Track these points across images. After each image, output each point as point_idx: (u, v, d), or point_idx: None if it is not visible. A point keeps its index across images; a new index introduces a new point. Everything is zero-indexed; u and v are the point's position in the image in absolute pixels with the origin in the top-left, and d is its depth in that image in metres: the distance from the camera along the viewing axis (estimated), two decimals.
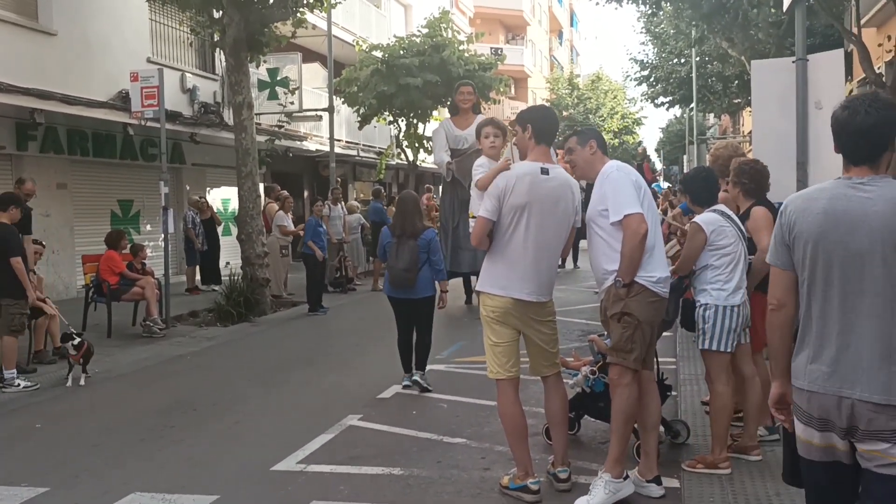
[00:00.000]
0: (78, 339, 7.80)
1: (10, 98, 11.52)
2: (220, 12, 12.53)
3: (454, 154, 11.28)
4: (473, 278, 11.76)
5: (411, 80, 18.62)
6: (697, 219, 4.84)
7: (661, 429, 5.27)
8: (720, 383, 4.69)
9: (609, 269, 4.33)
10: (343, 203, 16.09)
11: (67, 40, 12.84)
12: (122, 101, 13.38)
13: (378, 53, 19.61)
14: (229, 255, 16.85)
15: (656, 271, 4.31)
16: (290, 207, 14.54)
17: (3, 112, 12.09)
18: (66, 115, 12.98)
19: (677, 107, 33.92)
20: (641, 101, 39.03)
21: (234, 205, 16.40)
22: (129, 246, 11.00)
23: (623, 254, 4.20)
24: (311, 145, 20.66)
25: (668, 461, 4.91)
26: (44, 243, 9.40)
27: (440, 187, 16.39)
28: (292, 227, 14.04)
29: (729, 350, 4.68)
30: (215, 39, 13.48)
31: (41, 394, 7.49)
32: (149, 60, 14.51)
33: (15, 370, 7.62)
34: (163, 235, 12.03)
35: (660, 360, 5.30)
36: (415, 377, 7.11)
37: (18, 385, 7.52)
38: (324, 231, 12.96)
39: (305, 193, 22.95)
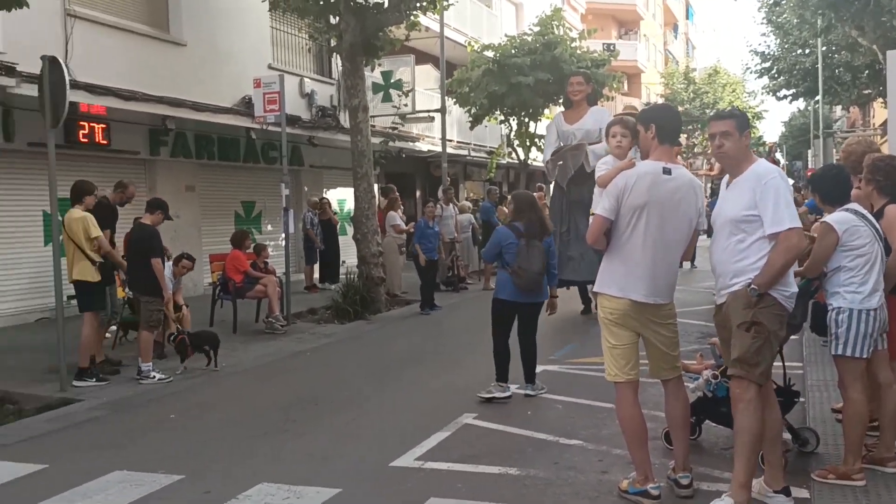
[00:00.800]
0: (174, 335, 8.46)
1: (144, 106, 12.23)
2: (337, 18, 12.87)
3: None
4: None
5: (523, 78, 18.59)
6: (828, 218, 4.63)
7: (789, 436, 5.08)
8: (854, 391, 4.47)
9: (738, 279, 4.09)
10: (455, 203, 16.23)
11: (196, 50, 13.49)
12: (245, 107, 13.96)
13: (489, 53, 19.67)
14: (344, 255, 17.30)
15: (791, 286, 4.15)
16: (399, 206, 14.83)
17: (139, 119, 12.84)
18: (195, 121, 13.67)
19: (801, 99, 32.53)
20: (762, 94, 37.64)
21: (349, 205, 16.82)
22: (252, 245, 11.47)
23: (773, 266, 3.97)
24: (423, 146, 20.94)
25: (797, 470, 4.72)
26: (194, 258, 9.98)
27: (551, 186, 16.30)
28: (404, 226, 14.29)
29: (864, 356, 4.44)
30: (332, 45, 13.87)
31: (174, 386, 7.92)
32: (270, 67, 15.06)
33: (151, 363, 8.08)
34: (283, 235, 12.48)
35: (787, 364, 5.11)
36: (527, 391, 6.99)
37: (154, 377, 7.97)
38: (433, 232, 13.03)
39: (417, 193, 23.28)
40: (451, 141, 20.62)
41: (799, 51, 26.92)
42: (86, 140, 12.10)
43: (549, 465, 5.17)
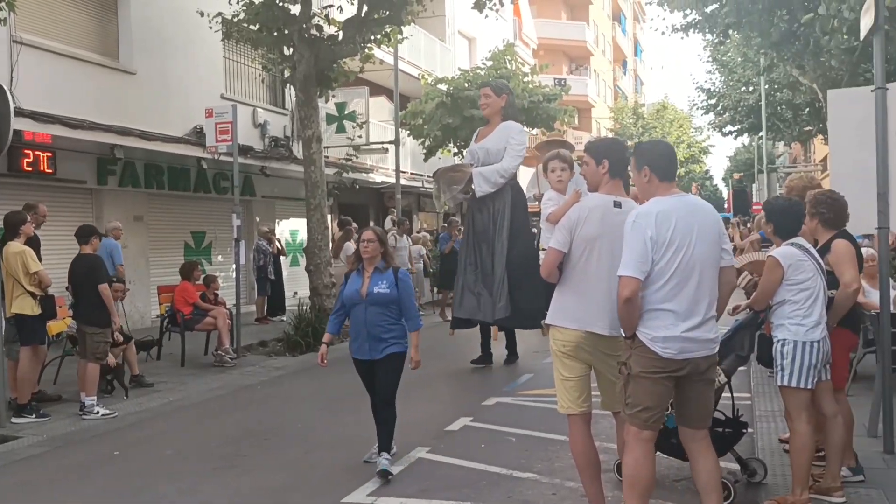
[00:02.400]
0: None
1: (92, 135, 12.02)
2: (291, 49, 12.89)
3: None
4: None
5: (476, 111, 18.74)
6: (774, 252, 4.74)
7: (737, 467, 5.14)
8: (800, 421, 4.54)
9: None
10: (409, 234, 16.23)
11: (146, 79, 13.35)
12: (196, 137, 13.82)
13: (443, 86, 19.85)
14: (296, 286, 17.15)
15: (656, 329, 3.92)
16: (353, 237, 14.76)
17: (86, 148, 12.61)
18: (144, 150, 13.47)
19: (745, 135, 33.46)
20: (708, 129, 38.63)
21: (302, 236, 16.71)
22: (202, 277, 11.29)
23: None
24: (377, 177, 20.97)
25: (746, 502, 4.77)
26: (126, 284, 9.73)
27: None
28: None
29: (809, 387, 4.54)
30: (286, 75, 13.87)
31: (118, 421, 7.70)
32: (222, 97, 14.97)
33: (95, 397, 7.85)
34: (234, 266, 12.32)
35: (735, 395, 5.19)
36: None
37: (97, 412, 7.75)
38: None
39: (371, 224, 23.26)
40: (404, 172, 20.67)
41: (743, 88, 27.75)
42: (30, 168, 11.81)
43: (503, 498, 5.14)
